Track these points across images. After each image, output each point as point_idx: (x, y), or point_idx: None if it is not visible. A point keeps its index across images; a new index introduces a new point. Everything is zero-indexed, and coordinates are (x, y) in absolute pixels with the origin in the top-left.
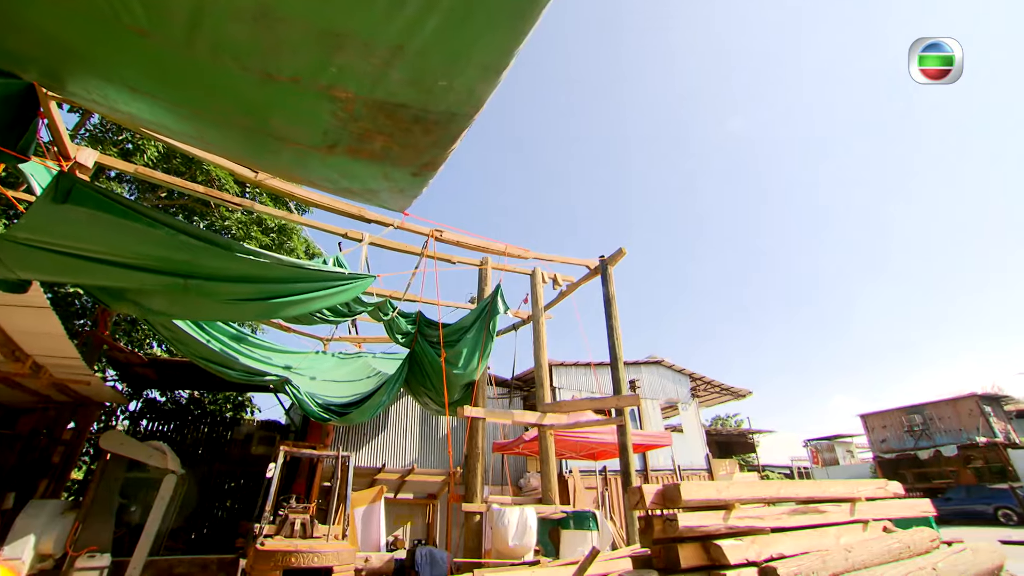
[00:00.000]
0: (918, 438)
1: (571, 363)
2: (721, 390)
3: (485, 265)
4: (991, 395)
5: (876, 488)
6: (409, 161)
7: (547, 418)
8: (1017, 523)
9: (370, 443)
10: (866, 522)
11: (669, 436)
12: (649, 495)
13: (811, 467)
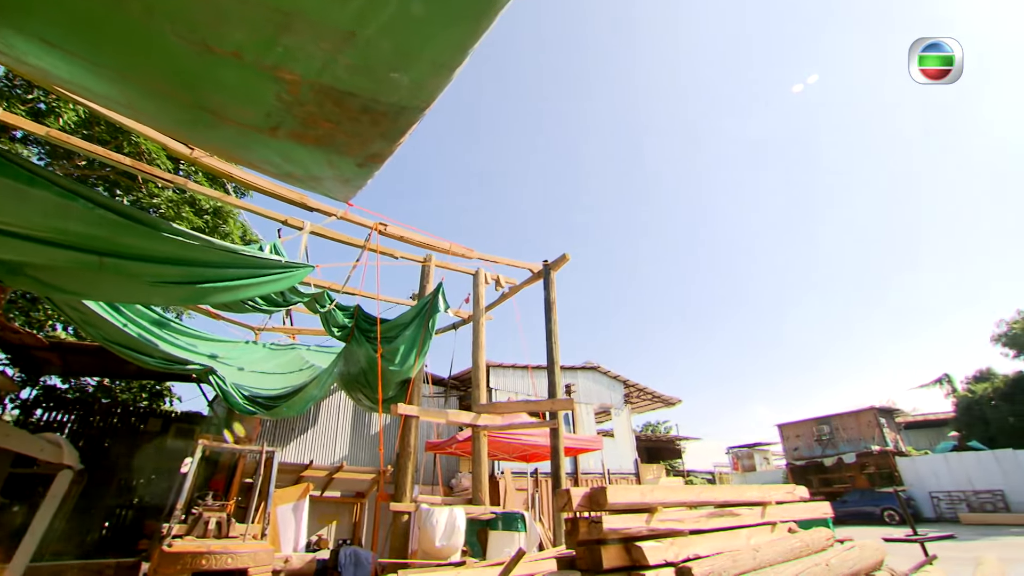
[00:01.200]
0: (825, 446)
1: (508, 365)
2: (653, 398)
3: (428, 262)
4: (886, 408)
5: (785, 493)
6: (355, 151)
7: (482, 419)
8: (899, 523)
9: (298, 439)
10: (774, 524)
11: (600, 440)
12: (576, 498)
13: (731, 473)
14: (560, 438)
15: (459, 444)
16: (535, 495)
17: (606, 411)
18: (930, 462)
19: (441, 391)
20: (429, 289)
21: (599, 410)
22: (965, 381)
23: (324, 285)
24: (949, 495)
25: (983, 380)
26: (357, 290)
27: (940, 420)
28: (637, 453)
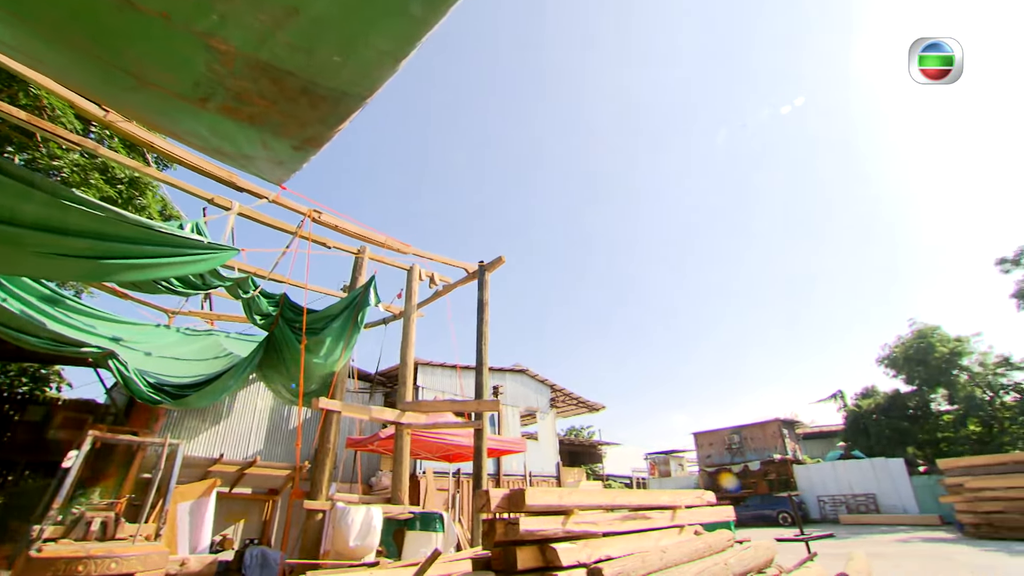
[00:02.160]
0: (735, 455)
1: (437, 364)
2: (578, 403)
3: (362, 254)
4: (789, 420)
5: (695, 497)
6: (291, 133)
7: (406, 416)
8: (791, 524)
9: (209, 431)
10: (683, 527)
11: (524, 443)
12: (496, 499)
13: (648, 478)
14: (484, 439)
15: (381, 442)
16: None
17: (532, 414)
18: (820, 469)
19: (366, 387)
20: (361, 282)
21: (525, 413)
22: (854, 397)
23: (249, 270)
24: (833, 498)
25: (868, 396)
26: (285, 278)
27: (832, 432)
28: (560, 456)
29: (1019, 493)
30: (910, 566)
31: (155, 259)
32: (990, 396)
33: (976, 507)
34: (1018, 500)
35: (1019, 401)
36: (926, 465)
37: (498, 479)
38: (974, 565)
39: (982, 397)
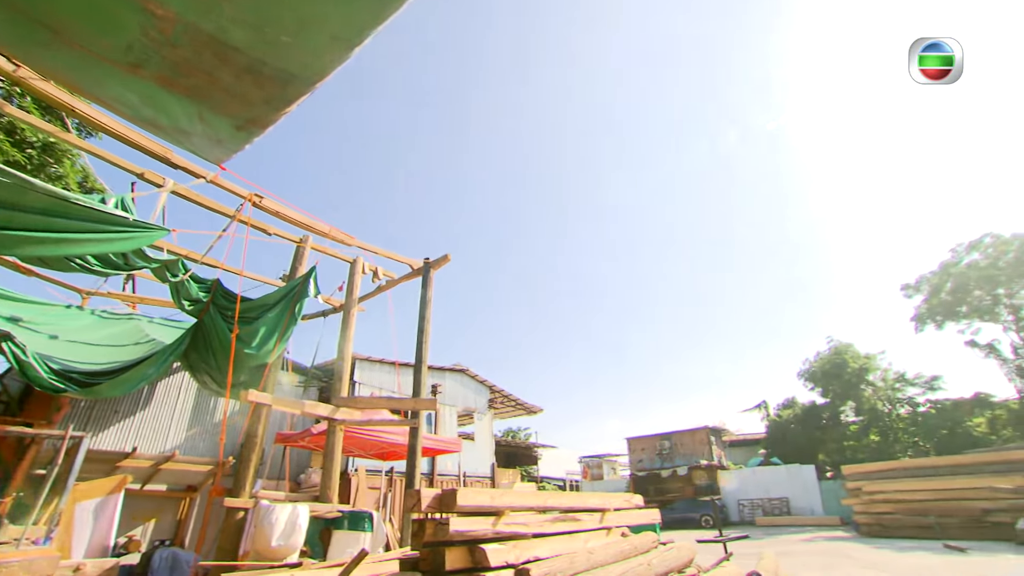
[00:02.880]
0: (665, 460)
1: (376, 359)
2: (516, 405)
3: (304, 243)
4: (716, 428)
5: (623, 500)
6: (233, 111)
7: (341, 412)
8: (713, 527)
9: (122, 423)
10: (610, 529)
11: (459, 443)
12: (427, 499)
13: (581, 481)
14: (419, 438)
15: (313, 438)
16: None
17: (469, 414)
18: (741, 475)
19: (301, 380)
20: (301, 272)
21: (463, 413)
22: (776, 408)
23: (180, 252)
24: (751, 502)
25: (788, 407)
26: (219, 263)
27: (755, 439)
28: (495, 458)
29: (905, 496)
30: (813, 562)
31: (68, 234)
32: (888, 409)
33: (870, 508)
34: (904, 502)
35: (911, 414)
36: (832, 471)
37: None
38: (866, 561)
39: (882, 409)
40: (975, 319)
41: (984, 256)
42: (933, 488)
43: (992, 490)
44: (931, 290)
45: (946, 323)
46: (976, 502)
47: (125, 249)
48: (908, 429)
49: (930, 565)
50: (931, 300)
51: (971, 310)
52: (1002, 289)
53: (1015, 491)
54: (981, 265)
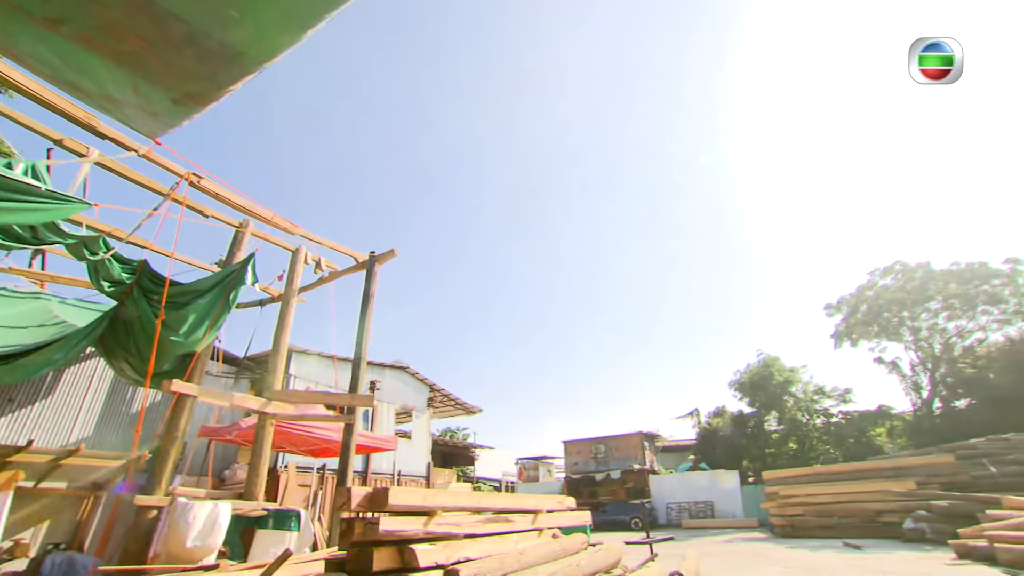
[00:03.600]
0: (599, 463)
1: (314, 352)
2: (456, 404)
3: (244, 228)
4: (650, 434)
5: (556, 502)
6: (171, 83)
7: (273, 406)
8: (641, 529)
9: (17, 412)
10: (542, 530)
11: (395, 441)
12: (357, 497)
13: (516, 483)
14: (354, 435)
15: (241, 432)
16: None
17: (408, 412)
18: (670, 479)
19: (231, 371)
20: (239, 258)
21: (401, 411)
22: (707, 416)
23: (102, 229)
24: (679, 505)
25: (718, 416)
26: (148, 243)
27: (687, 445)
28: (432, 457)
29: (814, 499)
30: (731, 562)
31: None
32: (807, 419)
33: (785, 511)
34: (813, 505)
35: (825, 424)
36: (754, 477)
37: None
38: (777, 559)
39: (801, 419)
40: (883, 338)
41: (894, 281)
42: (837, 492)
43: (886, 493)
44: (849, 310)
45: (860, 341)
46: (872, 504)
47: (34, 221)
48: (822, 438)
49: (830, 561)
50: (849, 319)
51: (880, 330)
52: (906, 312)
53: (905, 494)
54: (891, 289)
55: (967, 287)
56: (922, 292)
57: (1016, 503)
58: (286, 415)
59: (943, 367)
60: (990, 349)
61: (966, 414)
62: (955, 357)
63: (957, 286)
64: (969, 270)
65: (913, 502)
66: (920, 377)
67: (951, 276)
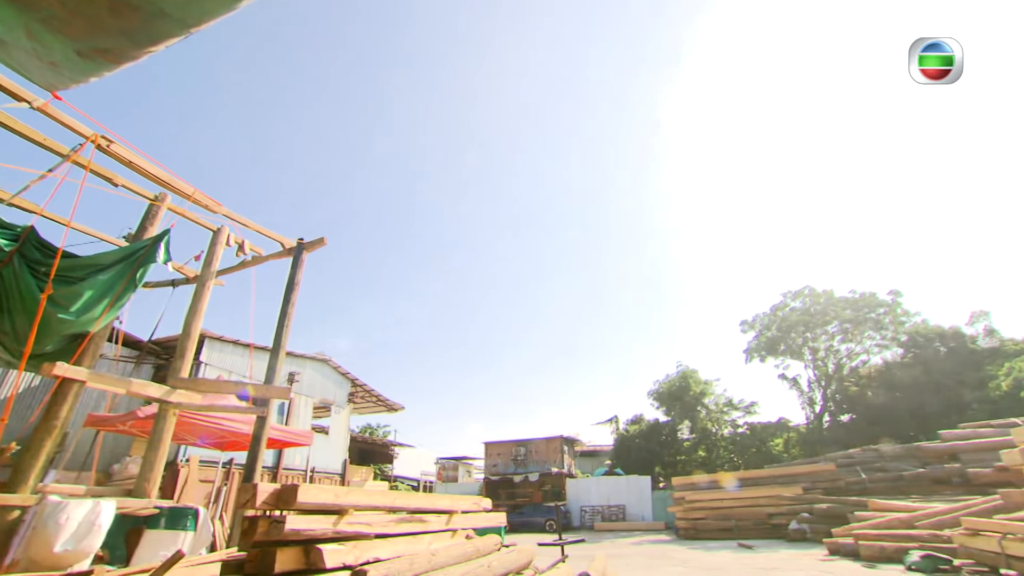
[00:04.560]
0: (519, 465)
1: (229, 340)
2: (378, 400)
3: (160, 202)
4: (570, 438)
5: (472, 503)
6: (76, 34)
7: (177, 395)
8: (555, 530)
9: None
10: (456, 531)
11: (311, 436)
12: (263, 494)
13: (434, 482)
14: (266, 428)
15: (138, 422)
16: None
17: (327, 407)
18: (586, 483)
19: (133, 355)
20: (152, 233)
21: (320, 405)
22: (626, 423)
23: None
24: (593, 508)
25: (636, 423)
26: (38, 208)
27: (604, 451)
28: (350, 454)
29: (716, 504)
30: (638, 563)
31: None
32: (716, 429)
33: (689, 514)
34: (715, 509)
35: (732, 434)
36: (664, 482)
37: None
38: (680, 559)
39: (711, 429)
40: (788, 357)
41: (802, 304)
42: (735, 496)
43: (777, 498)
44: (761, 328)
45: (768, 358)
46: (765, 508)
47: None
48: (728, 447)
49: (725, 560)
50: (760, 337)
51: (786, 348)
52: (809, 333)
53: (793, 498)
54: (798, 312)
55: (858, 314)
56: (823, 316)
57: (879, 505)
58: (192, 405)
59: (834, 385)
60: (870, 370)
61: (848, 427)
62: (844, 376)
63: (851, 312)
64: (862, 299)
65: (799, 505)
66: (815, 393)
67: (847, 303)
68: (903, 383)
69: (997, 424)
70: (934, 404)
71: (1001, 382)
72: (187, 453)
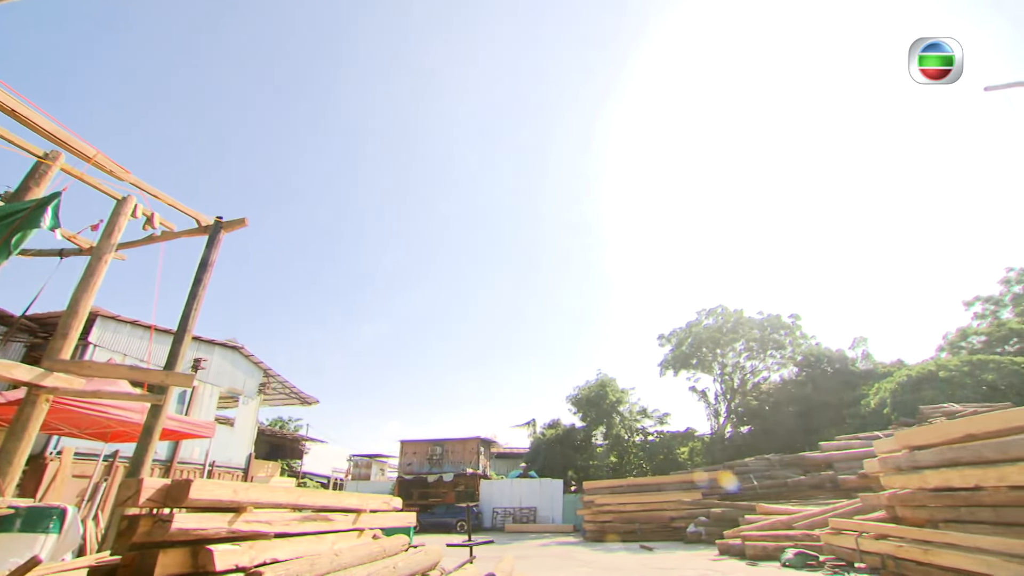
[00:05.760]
0: (434, 465)
1: (127, 319)
2: (291, 393)
3: (52, 161)
4: (487, 440)
5: (382, 502)
6: None
7: (53, 379)
8: (463, 532)
9: None
10: (363, 530)
11: (213, 427)
12: (149, 490)
13: (344, 480)
14: (161, 417)
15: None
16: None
17: (235, 397)
18: (500, 485)
19: None
20: (38, 195)
21: (228, 394)
22: (543, 427)
23: None
24: (505, 510)
25: (552, 427)
26: None
27: (520, 453)
28: (257, 448)
29: (622, 507)
30: (545, 563)
31: None
32: (628, 436)
33: (597, 517)
34: (621, 512)
35: (643, 441)
36: (576, 486)
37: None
38: (584, 561)
39: (624, 436)
40: (699, 371)
41: (714, 322)
42: (641, 501)
43: (678, 502)
44: (677, 343)
45: (681, 371)
46: (667, 512)
47: None
48: (638, 453)
49: (626, 561)
50: (675, 351)
51: (698, 362)
52: (719, 349)
53: (692, 503)
54: (711, 329)
55: (764, 334)
56: (733, 334)
57: (765, 509)
58: (72, 390)
59: (738, 399)
60: (769, 387)
61: (747, 439)
62: (747, 391)
63: (758, 332)
64: (768, 320)
65: (698, 509)
66: (721, 406)
67: (755, 323)
68: (796, 399)
69: (864, 437)
70: (820, 419)
71: (870, 400)
72: (60, 445)
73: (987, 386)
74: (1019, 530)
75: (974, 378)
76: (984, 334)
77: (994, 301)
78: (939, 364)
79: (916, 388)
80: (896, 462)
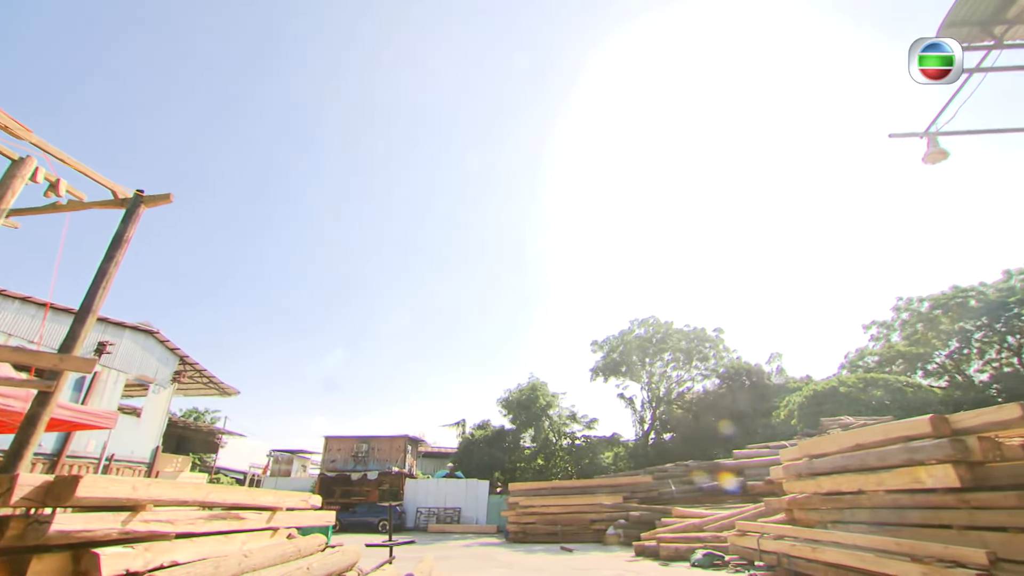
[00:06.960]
0: (359, 463)
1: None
2: (209, 382)
3: None
4: (415, 438)
5: (300, 500)
6: None
7: None
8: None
9: None
10: (277, 529)
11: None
12: (25, 488)
13: (261, 476)
14: (49, 406)
15: None
16: None
17: (144, 385)
18: (426, 484)
19: None
20: None
21: (136, 381)
22: (472, 427)
23: None
24: (429, 510)
25: (482, 428)
26: None
27: (448, 453)
28: (166, 440)
29: (546, 509)
30: (466, 564)
31: None
32: (556, 440)
33: (521, 519)
34: (544, 514)
35: (570, 445)
36: (502, 487)
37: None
38: (506, 561)
39: (552, 439)
40: (627, 378)
41: (645, 332)
42: (563, 503)
43: (599, 506)
44: (609, 350)
45: (611, 377)
46: (589, 514)
47: None
48: (565, 457)
49: (546, 562)
50: (607, 358)
51: (627, 370)
52: (648, 359)
53: (612, 506)
54: (642, 338)
55: (690, 345)
56: (662, 344)
57: (680, 513)
58: None
59: (663, 407)
60: (693, 396)
61: (668, 445)
62: (672, 400)
63: (686, 344)
64: (694, 333)
65: (618, 513)
66: (646, 413)
67: (683, 335)
68: (716, 409)
69: (773, 446)
70: (737, 428)
71: (781, 412)
72: None
73: (876, 401)
74: (891, 529)
75: (867, 394)
76: (877, 355)
77: (887, 326)
78: (840, 380)
79: (820, 402)
80: (797, 469)
